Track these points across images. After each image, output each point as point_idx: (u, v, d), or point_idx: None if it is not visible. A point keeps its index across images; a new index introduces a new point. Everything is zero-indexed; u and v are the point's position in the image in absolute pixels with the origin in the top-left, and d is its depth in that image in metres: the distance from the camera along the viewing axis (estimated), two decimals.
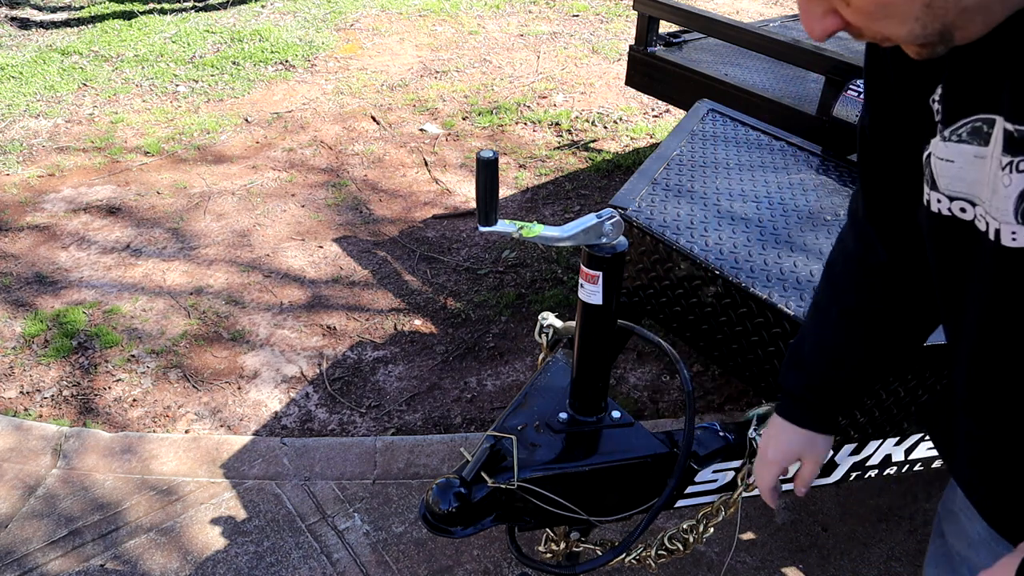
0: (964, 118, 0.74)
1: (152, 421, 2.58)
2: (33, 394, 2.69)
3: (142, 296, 3.13)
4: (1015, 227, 0.70)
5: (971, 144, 0.73)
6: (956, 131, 0.75)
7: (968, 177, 0.75)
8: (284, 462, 2.39)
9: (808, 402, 1.15)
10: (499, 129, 4.46)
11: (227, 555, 2.12)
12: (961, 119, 0.75)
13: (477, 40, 5.74)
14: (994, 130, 0.71)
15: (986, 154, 0.72)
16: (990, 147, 0.72)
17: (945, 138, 0.77)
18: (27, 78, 4.99)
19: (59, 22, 5.97)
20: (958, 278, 0.81)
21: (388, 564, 2.11)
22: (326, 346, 2.90)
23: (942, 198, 0.79)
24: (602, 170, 4.05)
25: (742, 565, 2.12)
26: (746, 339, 1.72)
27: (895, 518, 2.25)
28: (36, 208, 3.69)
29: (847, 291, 1.09)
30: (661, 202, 1.99)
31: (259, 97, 4.83)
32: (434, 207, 3.76)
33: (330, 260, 3.37)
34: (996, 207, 0.71)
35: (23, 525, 2.19)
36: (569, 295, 3.14)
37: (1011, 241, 0.71)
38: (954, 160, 0.76)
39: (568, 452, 1.37)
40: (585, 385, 1.41)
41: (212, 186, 3.89)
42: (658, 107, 4.70)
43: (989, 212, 0.73)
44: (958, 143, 0.75)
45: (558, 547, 1.52)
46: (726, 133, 2.38)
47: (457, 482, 1.25)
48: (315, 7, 6.32)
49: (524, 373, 2.79)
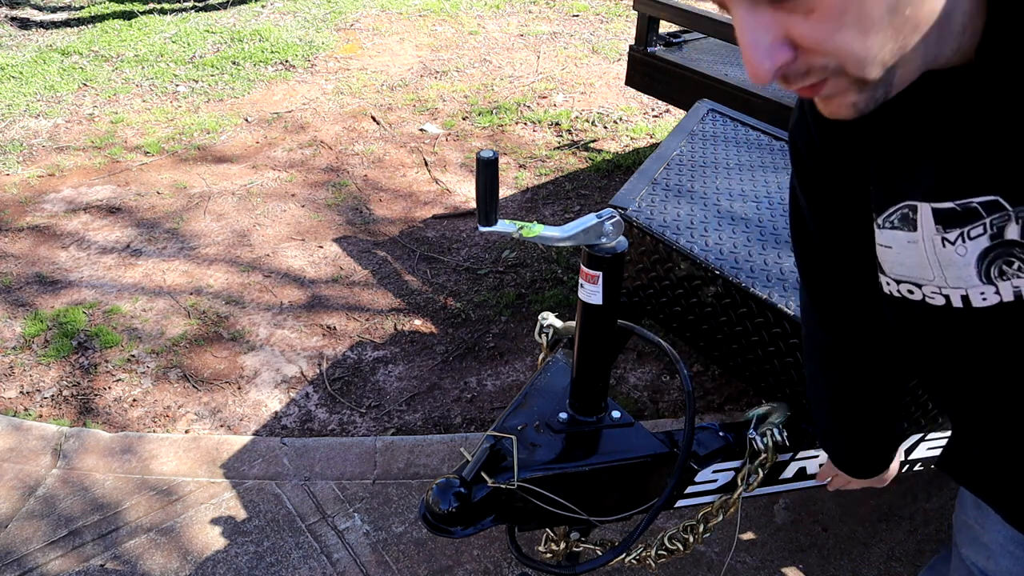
0: (892, 205, 0.76)
1: (152, 421, 2.58)
2: (33, 394, 2.69)
3: (142, 296, 3.13)
4: (983, 288, 0.71)
5: (902, 230, 0.75)
6: (888, 218, 0.77)
7: (908, 261, 0.76)
8: (284, 462, 2.39)
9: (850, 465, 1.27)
10: (499, 129, 4.46)
11: (227, 555, 2.12)
12: (889, 207, 0.76)
13: (477, 40, 5.74)
14: (918, 216, 0.73)
15: (917, 238, 0.74)
16: (919, 232, 0.73)
17: (880, 226, 0.78)
18: (27, 78, 4.99)
19: (59, 22, 5.97)
20: (930, 343, 0.83)
21: (388, 564, 2.11)
22: (326, 346, 2.90)
23: (890, 281, 0.80)
24: (602, 170, 4.05)
25: (742, 565, 2.12)
26: (746, 339, 1.72)
27: (895, 518, 2.25)
28: (36, 208, 3.69)
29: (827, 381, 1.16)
30: (661, 202, 1.99)
31: (259, 97, 4.83)
32: (434, 207, 3.76)
33: (330, 260, 3.37)
34: (955, 277, 0.72)
35: (23, 525, 2.19)
36: (569, 295, 3.14)
37: (981, 302, 0.72)
38: (891, 246, 0.78)
39: (568, 452, 1.37)
40: (585, 385, 1.41)
41: (212, 186, 3.89)
42: (658, 107, 4.70)
43: (947, 284, 0.74)
44: (892, 230, 0.77)
45: (558, 547, 1.52)
46: (726, 133, 2.38)
47: (457, 482, 1.25)
48: (315, 7, 6.32)
49: (524, 373, 2.79)
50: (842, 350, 1.07)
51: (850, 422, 1.18)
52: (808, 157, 0.87)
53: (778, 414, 1.54)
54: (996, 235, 0.68)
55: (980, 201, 0.68)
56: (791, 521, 2.23)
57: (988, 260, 0.69)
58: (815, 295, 1.04)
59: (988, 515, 0.97)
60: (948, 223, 0.70)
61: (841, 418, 1.18)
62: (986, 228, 0.68)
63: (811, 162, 0.87)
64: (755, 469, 1.46)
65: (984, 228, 0.68)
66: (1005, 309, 0.71)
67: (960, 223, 0.70)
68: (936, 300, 0.75)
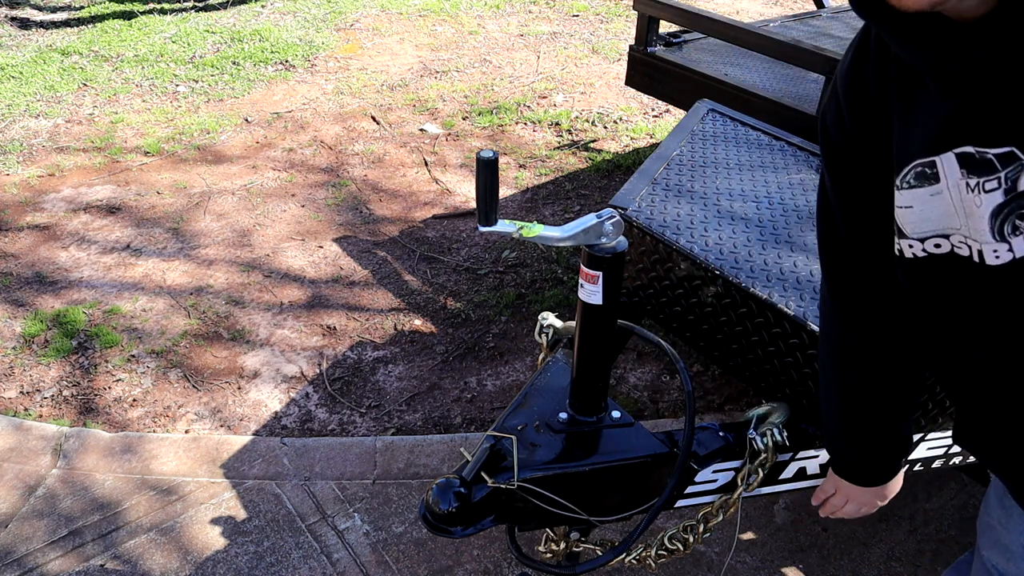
0: (907, 165, 0.78)
1: (152, 421, 2.58)
2: (33, 394, 2.69)
3: (142, 296, 3.13)
4: (995, 245, 0.72)
5: (921, 187, 0.76)
6: (904, 178, 0.78)
7: (932, 215, 0.77)
8: (284, 462, 2.39)
9: (857, 470, 1.25)
10: (499, 129, 4.46)
11: (227, 555, 2.12)
12: (905, 167, 0.78)
13: (477, 40, 5.74)
14: (938, 169, 0.74)
15: (940, 189, 0.75)
16: (942, 183, 0.74)
17: (899, 187, 0.80)
18: (27, 78, 4.99)
19: (59, 22, 5.97)
20: (951, 309, 0.83)
21: (388, 564, 2.11)
22: (326, 346, 2.90)
23: (913, 243, 0.81)
24: (602, 170, 4.05)
25: (742, 565, 2.12)
26: (746, 339, 1.72)
27: (895, 518, 2.25)
28: (36, 208, 3.69)
29: (842, 381, 1.15)
30: (661, 202, 1.99)
31: (259, 97, 4.83)
32: (434, 207, 3.76)
33: (330, 260, 3.37)
34: (974, 228, 0.73)
35: (23, 525, 2.19)
36: (569, 295, 3.14)
37: (994, 260, 0.73)
38: (912, 205, 0.79)
39: (568, 452, 1.37)
40: (585, 385, 1.41)
41: (212, 186, 3.89)
42: (658, 107, 4.70)
43: (969, 236, 0.74)
44: (910, 189, 0.78)
45: (558, 547, 1.52)
46: (726, 133, 2.38)
47: (457, 482, 1.25)
48: (315, 7, 6.32)
49: (524, 373, 2.79)
50: (859, 347, 1.07)
51: (862, 423, 1.17)
52: (836, 136, 0.90)
53: (778, 414, 1.54)
54: (1010, 188, 0.69)
55: (995, 153, 0.69)
56: (791, 521, 2.23)
57: (1001, 217, 0.70)
58: (835, 283, 1.05)
59: (1011, 516, 0.96)
60: (970, 168, 0.71)
61: (853, 419, 1.17)
62: (1000, 182, 0.69)
63: (839, 140, 0.90)
64: (755, 469, 1.46)
65: (999, 182, 0.69)
66: (1019, 266, 0.71)
67: (978, 171, 0.71)
68: (963, 250, 0.76)
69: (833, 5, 4.48)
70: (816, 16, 4.21)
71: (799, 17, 4.17)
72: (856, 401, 1.14)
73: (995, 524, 1.01)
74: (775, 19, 4.19)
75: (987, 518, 1.04)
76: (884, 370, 1.09)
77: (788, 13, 5.93)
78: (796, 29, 3.88)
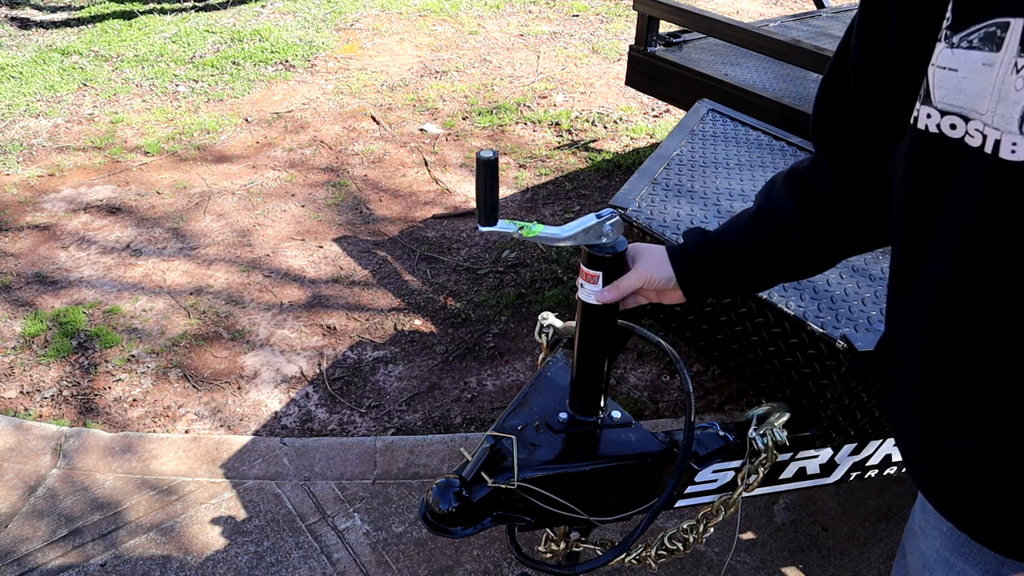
0: (978, 23, 0.72)
1: (152, 421, 2.59)
2: (33, 394, 2.69)
3: (142, 296, 3.14)
4: (1016, 138, 0.69)
5: (981, 51, 0.72)
6: (967, 36, 0.73)
7: (970, 88, 0.73)
8: (284, 462, 2.39)
9: (695, 273, 1.18)
10: (499, 129, 4.46)
11: (227, 555, 2.12)
12: (974, 24, 0.72)
13: (477, 40, 5.74)
14: (1007, 34, 0.69)
15: (995, 60, 0.71)
16: (1000, 53, 0.70)
17: (953, 45, 0.74)
18: (27, 78, 4.99)
19: (59, 22, 5.98)
20: (932, 203, 0.79)
21: (388, 564, 2.11)
22: (326, 346, 2.90)
23: (933, 112, 0.77)
24: (602, 170, 4.05)
25: (742, 565, 2.12)
26: (746, 339, 1.72)
27: (895, 518, 2.25)
28: (36, 208, 3.69)
29: (774, 193, 1.12)
30: (661, 202, 1.99)
31: (259, 97, 4.83)
32: (434, 207, 3.76)
33: (330, 260, 3.37)
34: (1000, 115, 0.70)
35: (23, 524, 2.19)
36: (569, 295, 3.14)
37: (1010, 154, 0.69)
38: (958, 69, 0.74)
39: (568, 452, 1.37)
40: (585, 385, 1.41)
41: (212, 186, 3.89)
42: (658, 107, 4.70)
43: (990, 123, 0.71)
44: (967, 50, 0.73)
45: (558, 547, 1.52)
46: (726, 133, 2.38)
47: (457, 482, 1.25)
48: (315, 7, 6.32)
49: (524, 373, 2.79)
50: (830, 191, 1.04)
51: (755, 233, 1.12)
52: None
53: (778, 414, 1.54)
54: None
55: None
56: (791, 521, 2.23)
57: None
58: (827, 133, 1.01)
59: (929, 519, 0.93)
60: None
61: (753, 225, 1.13)
62: None
63: None
64: (755, 469, 1.46)
65: None
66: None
67: None
68: (974, 140, 0.73)
69: (833, 5, 4.49)
70: (816, 16, 4.21)
71: (799, 17, 4.18)
72: (760, 244, 1.11)
73: (916, 529, 0.98)
74: (775, 19, 4.20)
75: (911, 522, 1.01)
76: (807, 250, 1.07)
77: (788, 13, 5.94)
78: (796, 29, 3.88)
